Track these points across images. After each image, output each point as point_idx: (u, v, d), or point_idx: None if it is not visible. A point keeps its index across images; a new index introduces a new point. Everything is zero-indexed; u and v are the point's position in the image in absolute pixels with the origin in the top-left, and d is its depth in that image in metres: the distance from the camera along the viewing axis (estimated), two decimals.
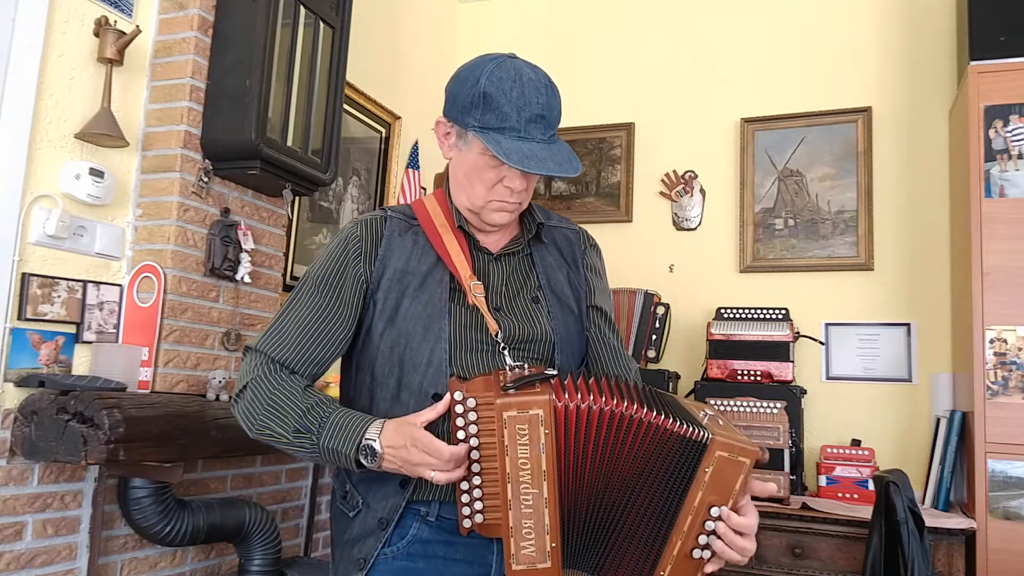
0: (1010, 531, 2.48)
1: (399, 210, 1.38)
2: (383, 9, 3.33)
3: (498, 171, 1.27)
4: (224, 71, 2.22)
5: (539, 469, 1.12)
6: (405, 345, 1.26)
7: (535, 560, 1.13)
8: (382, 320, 1.28)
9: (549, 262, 1.40)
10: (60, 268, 1.97)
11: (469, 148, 1.28)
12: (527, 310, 1.33)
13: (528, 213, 1.40)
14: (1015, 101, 2.65)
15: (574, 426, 1.14)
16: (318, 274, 1.31)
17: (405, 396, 1.26)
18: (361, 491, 1.30)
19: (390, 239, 1.32)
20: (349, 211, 3.16)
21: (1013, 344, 2.56)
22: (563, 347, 1.34)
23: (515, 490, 1.13)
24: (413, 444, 1.15)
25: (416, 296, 1.28)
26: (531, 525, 1.13)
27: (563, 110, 1.29)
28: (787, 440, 2.80)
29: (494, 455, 1.14)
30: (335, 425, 1.20)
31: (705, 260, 3.45)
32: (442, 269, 1.31)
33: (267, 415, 1.23)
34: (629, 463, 1.15)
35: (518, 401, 1.12)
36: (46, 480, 1.87)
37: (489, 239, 1.37)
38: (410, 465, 1.16)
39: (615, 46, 3.75)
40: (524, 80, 1.24)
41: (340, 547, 1.33)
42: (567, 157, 1.26)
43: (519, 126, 1.23)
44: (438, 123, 1.34)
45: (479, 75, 1.25)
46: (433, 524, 1.26)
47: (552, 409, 1.12)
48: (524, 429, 1.12)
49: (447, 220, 1.35)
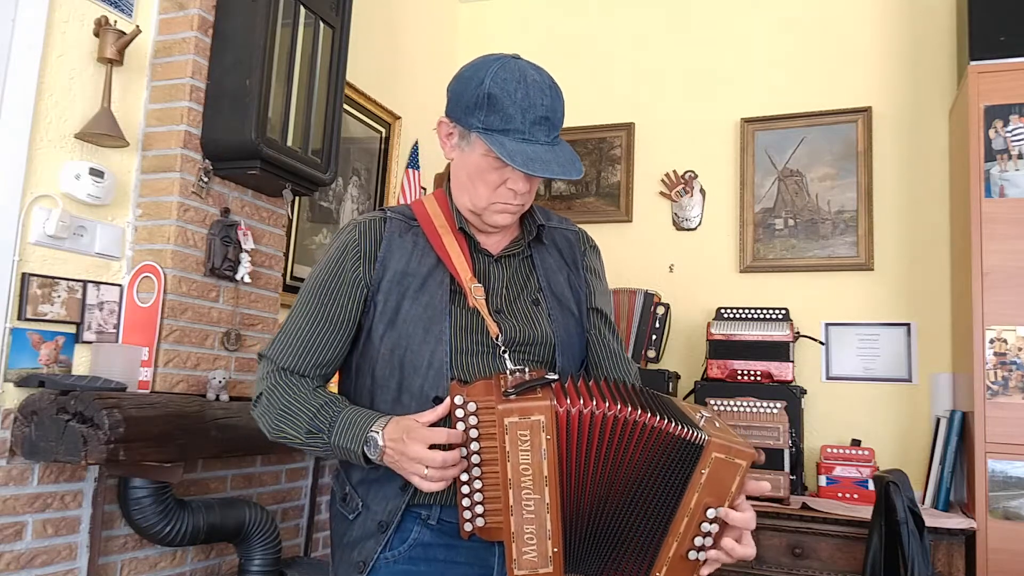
0: (1010, 531, 2.48)
1: (398, 211, 1.37)
2: (383, 9, 3.34)
3: (501, 173, 1.26)
4: (224, 71, 2.22)
5: (540, 475, 1.12)
6: (406, 348, 1.26)
7: (537, 565, 1.14)
8: (382, 323, 1.28)
9: (549, 264, 1.39)
10: (60, 268, 1.97)
11: (472, 149, 1.27)
12: (527, 312, 1.33)
13: (529, 214, 1.39)
14: (1015, 101, 2.65)
15: (576, 431, 1.13)
16: (318, 279, 1.32)
17: (406, 399, 1.26)
18: (361, 493, 1.30)
19: (390, 240, 1.32)
20: (349, 211, 3.16)
21: (1013, 344, 2.56)
22: (564, 349, 1.33)
23: (517, 496, 1.12)
24: (411, 437, 1.15)
25: (416, 298, 1.28)
26: (533, 530, 1.13)
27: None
28: (787, 440, 2.80)
29: (495, 459, 1.14)
30: (344, 422, 1.22)
31: (705, 260, 3.45)
32: (442, 271, 1.30)
33: (281, 419, 1.27)
34: (630, 467, 1.14)
35: (519, 407, 1.12)
36: (46, 480, 1.87)
37: (489, 241, 1.36)
38: (405, 459, 1.15)
39: (615, 46, 3.75)
40: (529, 82, 1.23)
41: (340, 549, 1.33)
42: (570, 159, 1.25)
43: (523, 128, 1.22)
44: (440, 123, 1.33)
45: (483, 76, 1.24)
46: (434, 528, 1.26)
47: (554, 415, 1.12)
48: (526, 435, 1.12)
49: (447, 221, 1.34)
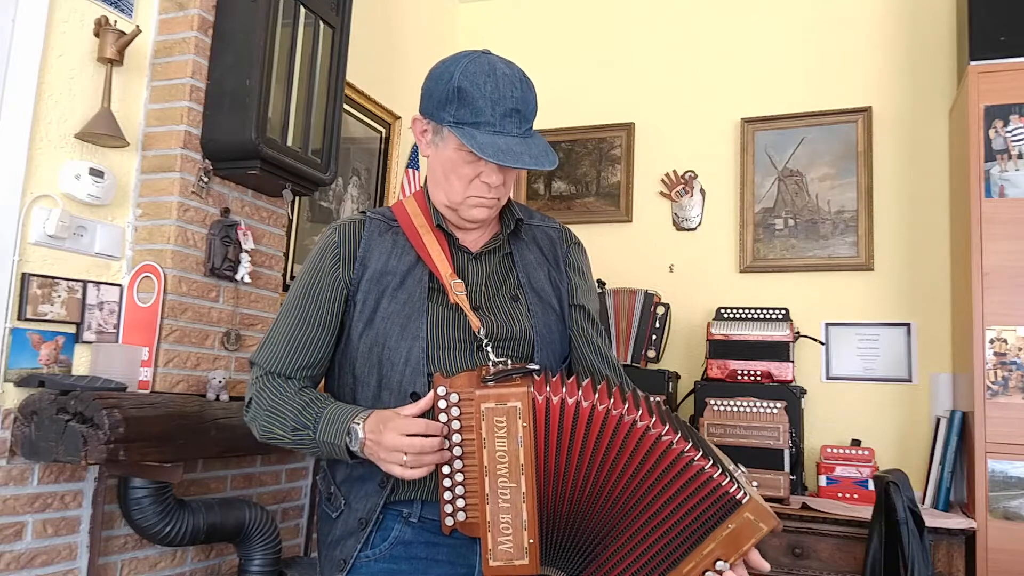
0: (1010, 531, 2.48)
1: (379, 212, 1.39)
2: (383, 9, 3.34)
3: (475, 166, 1.27)
4: (224, 71, 2.22)
5: (517, 463, 1.11)
6: (383, 345, 1.27)
7: (512, 556, 1.12)
8: (361, 321, 1.30)
9: (529, 260, 1.40)
10: (60, 268, 1.97)
11: (445, 144, 1.28)
12: (507, 308, 1.33)
13: (507, 210, 1.40)
14: (1015, 101, 2.65)
15: (556, 421, 1.13)
16: (300, 283, 1.35)
17: (386, 395, 1.27)
18: (344, 491, 1.31)
19: (369, 240, 1.33)
20: (349, 211, 3.16)
21: (1013, 344, 2.56)
22: (543, 345, 1.33)
23: (492, 484, 1.12)
24: (388, 428, 1.16)
25: (395, 296, 1.29)
26: (508, 520, 1.12)
27: (563, 110, 1.29)
28: (787, 440, 2.80)
29: (476, 451, 1.13)
30: (328, 418, 1.24)
31: (705, 260, 3.45)
32: (421, 268, 1.31)
33: (268, 420, 1.29)
34: (637, 477, 1.12)
35: (496, 393, 1.12)
36: (46, 480, 1.87)
37: (469, 237, 1.37)
38: (382, 449, 1.16)
39: (615, 46, 3.75)
40: (498, 75, 1.24)
41: (324, 548, 1.34)
42: (543, 150, 1.26)
43: (494, 120, 1.23)
44: (415, 121, 1.34)
45: (453, 71, 1.25)
46: (416, 525, 1.26)
47: (531, 402, 1.11)
48: (502, 421, 1.11)
49: (426, 220, 1.35)
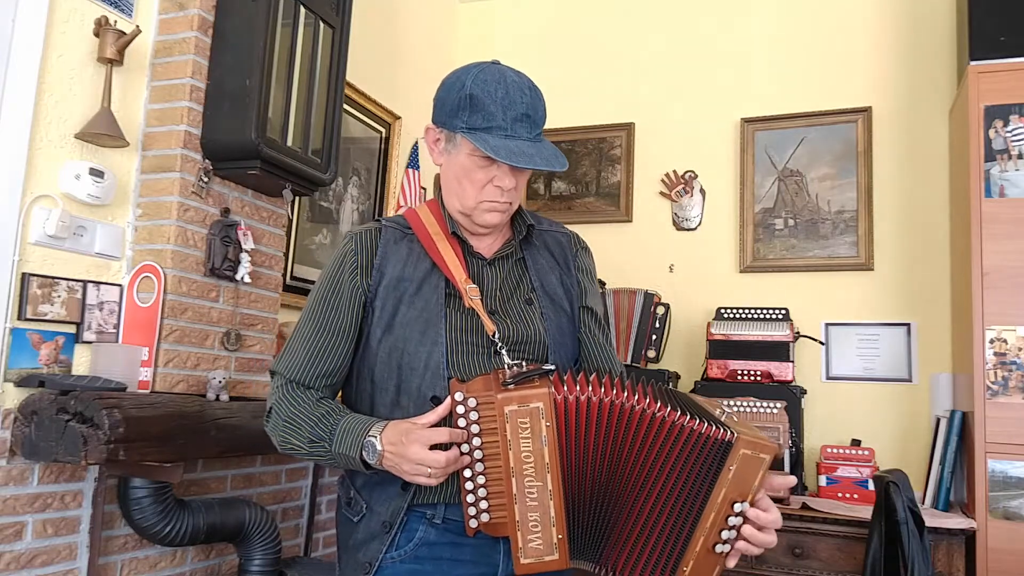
0: (1010, 531, 2.48)
1: (393, 220, 1.42)
2: (383, 9, 3.33)
3: (487, 171, 1.30)
4: (224, 71, 2.22)
5: (542, 462, 1.14)
6: (402, 350, 1.29)
7: (543, 553, 1.15)
8: (380, 327, 1.32)
9: (541, 264, 1.43)
10: (60, 268, 1.97)
11: (458, 150, 1.31)
12: (521, 312, 1.36)
13: (518, 217, 1.44)
14: (1015, 101, 2.65)
15: (575, 418, 1.17)
16: (318, 292, 1.37)
17: (404, 400, 1.29)
18: (364, 496, 1.33)
19: (385, 248, 1.36)
20: (349, 211, 3.16)
21: (1013, 344, 2.56)
22: (556, 347, 1.36)
23: (519, 484, 1.14)
24: (410, 439, 1.17)
25: (412, 302, 1.32)
26: (537, 518, 1.15)
27: (563, 110, 1.32)
28: (787, 440, 2.80)
29: (497, 453, 1.16)
30: (344, 430, 1.26)
31: (705, 260, 3.45)
32: (437, 275, 1.34)
33: (286, 430, 1.31)
34: (641, 456, 1.18)
35: (518, 395, 1.14)
36: (46, 480, 1.87)
37: (482, 244, 1.40)
38: (406, 462, 1.18)
39: (615, 46, 3.75)
40: (508, 82, 1.28)
41: (346, 552, 1.36)
42: (554, 154, 1.30)
43: (505, 125, 1.27)
44: (428, 130, 1.38)
45: (465, 80, 1.30)
46: (439, 526, 1.28)
47: (552, 401, 1.15)
48: (526, 423, 1.14)
49: (441, 227, 1.38)
